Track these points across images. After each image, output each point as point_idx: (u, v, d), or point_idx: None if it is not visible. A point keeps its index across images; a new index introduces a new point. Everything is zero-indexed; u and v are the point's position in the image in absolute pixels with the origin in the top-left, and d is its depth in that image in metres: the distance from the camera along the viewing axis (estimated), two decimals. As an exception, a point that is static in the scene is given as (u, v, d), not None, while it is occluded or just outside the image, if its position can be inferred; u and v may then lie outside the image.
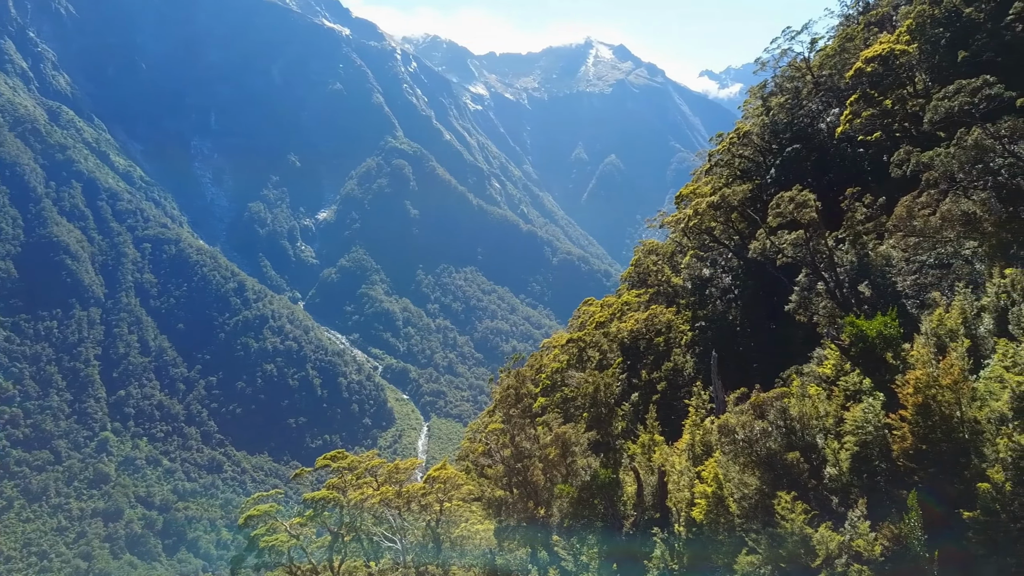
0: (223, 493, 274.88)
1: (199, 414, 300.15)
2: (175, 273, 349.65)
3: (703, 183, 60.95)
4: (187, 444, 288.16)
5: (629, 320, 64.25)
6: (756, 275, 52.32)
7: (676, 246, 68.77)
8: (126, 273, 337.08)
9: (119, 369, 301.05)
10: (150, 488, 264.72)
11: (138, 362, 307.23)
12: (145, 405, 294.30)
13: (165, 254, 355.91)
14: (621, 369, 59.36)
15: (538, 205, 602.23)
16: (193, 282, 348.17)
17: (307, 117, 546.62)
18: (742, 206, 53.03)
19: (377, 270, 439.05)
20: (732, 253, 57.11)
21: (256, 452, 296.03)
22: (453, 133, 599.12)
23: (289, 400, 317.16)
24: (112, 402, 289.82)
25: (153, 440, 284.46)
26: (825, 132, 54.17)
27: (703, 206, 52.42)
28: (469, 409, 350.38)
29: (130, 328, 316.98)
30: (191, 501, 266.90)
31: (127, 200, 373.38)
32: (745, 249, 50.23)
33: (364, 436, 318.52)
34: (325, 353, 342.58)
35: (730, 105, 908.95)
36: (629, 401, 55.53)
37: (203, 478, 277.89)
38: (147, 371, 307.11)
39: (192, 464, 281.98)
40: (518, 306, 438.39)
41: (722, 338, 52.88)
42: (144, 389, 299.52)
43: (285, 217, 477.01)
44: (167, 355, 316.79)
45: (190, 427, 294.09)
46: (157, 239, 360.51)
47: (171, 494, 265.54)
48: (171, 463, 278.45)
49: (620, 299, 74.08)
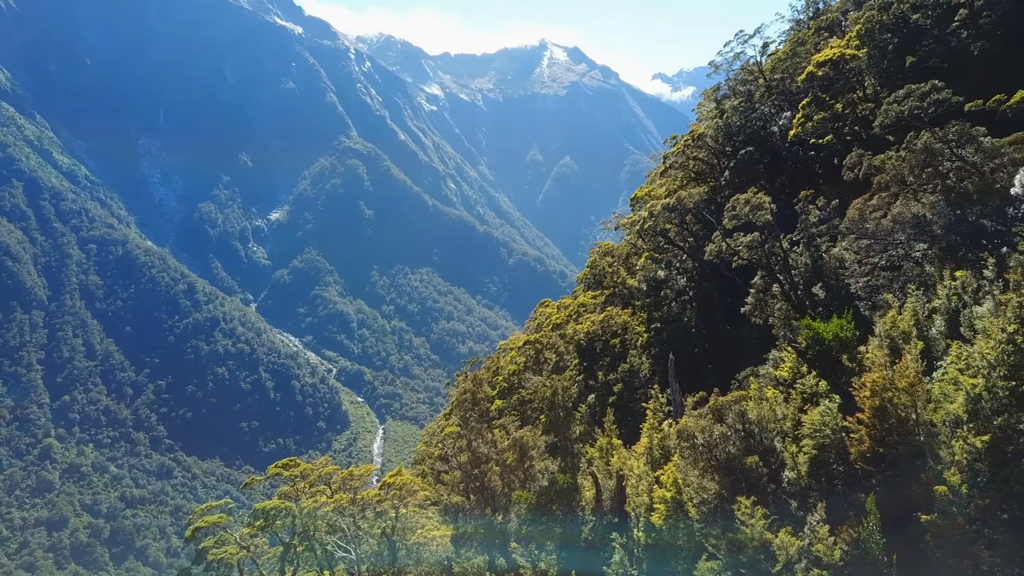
0: (173, 499, 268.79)
1: (148, 419, 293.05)
2: (122, 275, 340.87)
3: (658, 185, 61.74)
4: (135, 450, 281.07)
5: (585, 322, 64.00)
6: (711, 277, 52.48)
7: (631, 248, 68.67)
8: (70, 275, 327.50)
9: (63, 374, 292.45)
10: (96, 495, 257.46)
11: (83, 366, 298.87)
12: (91, 410, 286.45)
13: (112, 255, 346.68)
14: (578, 371, 58.80)
15: (494, 206, 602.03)
16: (141, 284, 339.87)
17: (259, 116, 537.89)
18: (697, 208, 53.31)
19: (331, 271, 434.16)
20: (687, 255, 57.14)
21: (207, 457, 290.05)
22: (408, 133, 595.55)
23: (241, 404, 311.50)
24: (56, 408, 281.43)
25: (100, 446, 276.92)
26: (778, 135, 54.34)
27: (658, 208, 52.54)
28: (425, 411, 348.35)
29: (75, 331, 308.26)
30: (139, 508, 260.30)
31: (71, 200, 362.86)
32: (700, 251, 50.14)
33: (318, 440, 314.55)
34: (278, 356, 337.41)
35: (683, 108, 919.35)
36: (586, 403, 55.12)
37: (152, 484, 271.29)
38: (93, 375, 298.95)
39: (140, 470, 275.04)
40: (475, 307, 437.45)
41: (678, 339, 53.11)
42: (90, 394, 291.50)
43: (237, 217, 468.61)
44: (114, 359, 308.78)
45: (138, 432, 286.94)
46: (103, 240, 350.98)
47: (118, 501, 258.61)
48: (118, 469, 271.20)
49: (576, 301, 74.01)
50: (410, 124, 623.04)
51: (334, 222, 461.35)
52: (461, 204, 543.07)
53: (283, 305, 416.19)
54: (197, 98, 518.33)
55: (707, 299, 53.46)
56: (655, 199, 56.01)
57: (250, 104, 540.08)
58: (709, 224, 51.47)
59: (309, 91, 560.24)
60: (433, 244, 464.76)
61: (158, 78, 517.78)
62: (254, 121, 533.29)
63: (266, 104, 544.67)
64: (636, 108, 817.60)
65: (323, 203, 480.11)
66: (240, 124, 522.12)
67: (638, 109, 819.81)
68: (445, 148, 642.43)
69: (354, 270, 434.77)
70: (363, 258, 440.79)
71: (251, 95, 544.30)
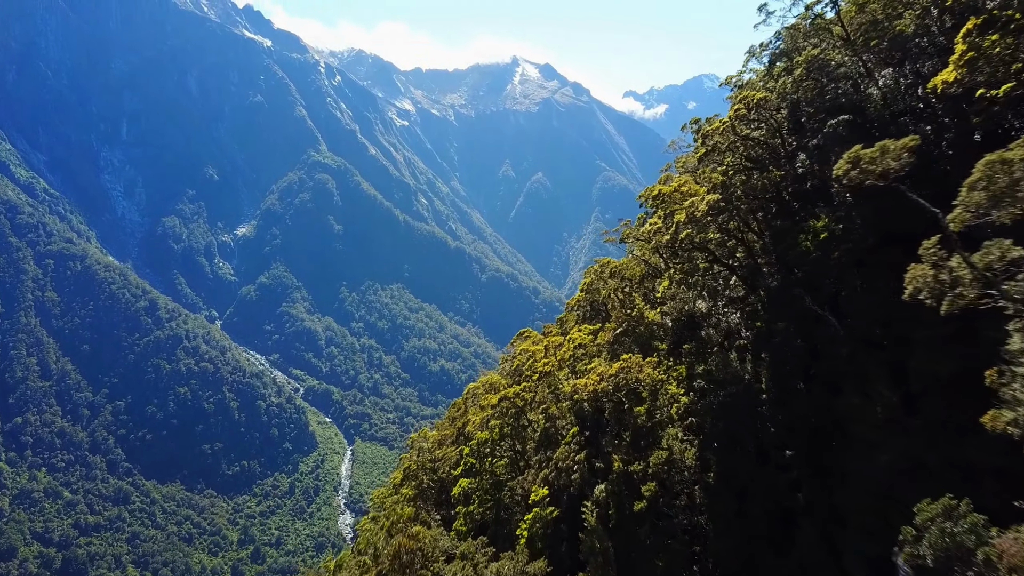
0: (130, 526, 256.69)
1: (105, 441, 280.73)
2: (80, 291, 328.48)
3: (685, 180, 46.32)
4: (91, 474, 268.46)
5: (590, 375, 45.83)
6: (785, 312, 37.32)
7: (645, 268, 54.30)
8: (26, 291, 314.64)
9: (16, 394, 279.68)
10: (48, 523, 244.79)
11: (37, 386, 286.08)
12: (44, 433, 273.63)
13: (70, 271, 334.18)
14: (577, 444, 45.07)
15: (466, 222, 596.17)
16: (100, 300, 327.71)
17: (225, 129, 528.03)
18: (763, 207, 40.56)
19: (299, 287, 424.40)
20: (740, 279, 42.12)
21: (167, 481, 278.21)
22: (379, 148, 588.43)
23: (204, 424, 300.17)
24: (7, 430, 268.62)
25: (53, 470, 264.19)
26: (879, 99, 38.15)
27: (702, 208, 38.60)
28: (395, 432, 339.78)
29: (29, 350, 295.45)
30: (94, 536, 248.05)
31: (28, 213, 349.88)
32: (771, 270, 37.43)
33: (284, 461, 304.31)
34: (243, 375, 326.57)
35: (655, 125, 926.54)
36: (592, 499, 40.25)
37: (108, 511, 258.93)
38: (47, 396, 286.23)
39: (96, 495, 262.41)
40: (446, 324, 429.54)
41: (737, 410, 37.47)
42: (44, 415, 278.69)
43: (202, 232, 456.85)
44: (70, 379, 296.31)
45: (94, 455, 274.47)
46: (61, 255, 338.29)
47: (72, 529, 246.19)
48: (72, 495, 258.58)
49: (569, 338, 57.72)
50: (381, 139, 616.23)
51: (303, 237, 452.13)
52: (433, 219, 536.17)
53: (249, 322, 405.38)
54: (160, 110, 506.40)
55: (784, 348, 36.23)
56: (689, 197, 41.22)
57: (216, 117, 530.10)
58: (783, 233, 38.16)
59: (277, 104, 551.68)
60: (404, 260, 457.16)
61: (119, 89, 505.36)
62: (220, 134, 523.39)
63: (232, 117, 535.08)
64: (608, 125, 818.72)
65: (291, 218, 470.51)
66: (205, 137, 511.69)
67: (610, 126, 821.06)
68: (417, 163, 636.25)
69: (323, 286, 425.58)
70: (332, 274, 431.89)
71: (217, 107, 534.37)
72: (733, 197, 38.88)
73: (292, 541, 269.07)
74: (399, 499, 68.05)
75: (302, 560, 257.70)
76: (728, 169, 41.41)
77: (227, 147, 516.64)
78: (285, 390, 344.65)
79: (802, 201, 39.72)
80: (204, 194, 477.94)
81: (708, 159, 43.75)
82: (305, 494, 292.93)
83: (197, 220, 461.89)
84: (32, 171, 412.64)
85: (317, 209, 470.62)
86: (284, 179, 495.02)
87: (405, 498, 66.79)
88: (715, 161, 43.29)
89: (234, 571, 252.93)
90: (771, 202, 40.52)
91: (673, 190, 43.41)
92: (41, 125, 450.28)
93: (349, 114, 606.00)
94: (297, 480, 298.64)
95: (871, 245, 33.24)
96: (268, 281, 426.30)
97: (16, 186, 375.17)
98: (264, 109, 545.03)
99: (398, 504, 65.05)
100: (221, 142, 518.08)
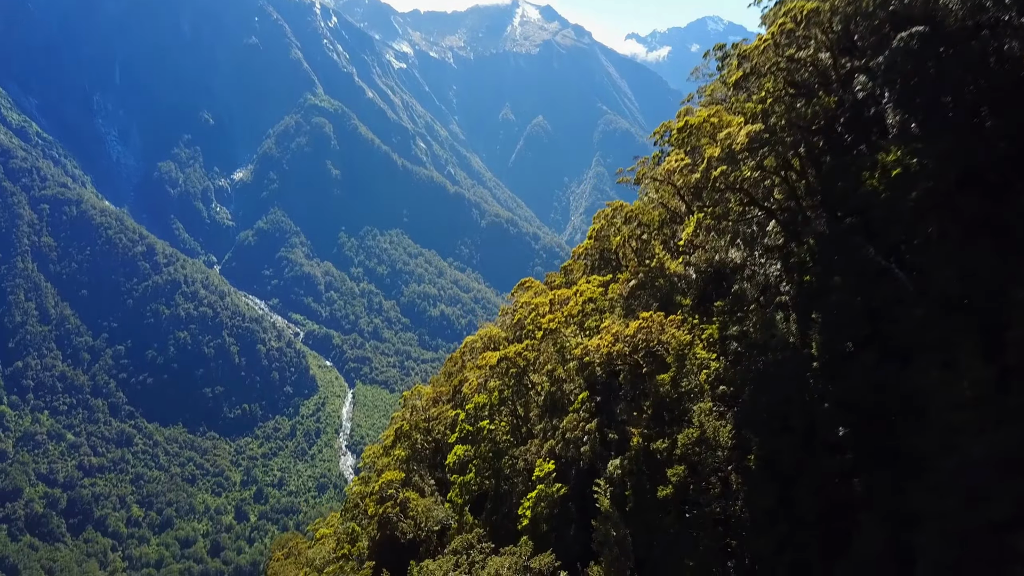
0: (134, 468, 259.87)
1: (106, 385, 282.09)
2: (77, 236, 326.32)
3: (715, 111, 39.54)
4: (93, 417, 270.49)
5: (604, 336, 39.74)
6: (837, 264, 31.05)
7: (664, 212, 47.57)
8: (21, 236, 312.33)
9: (16, 339, 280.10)
10: (52, 464, 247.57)
11: (37, 331, 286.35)
12: (46, 377, 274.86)
13: (65, 215, 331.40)
14: (587, 411, 40.50)
15: (465, 166, 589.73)
16: (97, 245, 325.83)
17: (220, 73, 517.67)
18: (807, 140, 34.40)
19: (297, 232, 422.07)
20: (777, 223, 35.98)
21: (170, 424, 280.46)
22: (376, 91, 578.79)
23: (204, 369, 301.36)
24: (8, 374, 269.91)
25: (55, 414, 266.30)
26: (958, 8, 29.83)
27: (741, 140, 32.75)
28: (396, 375, 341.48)
29: (27, 295, 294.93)
30: (98, 477, 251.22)
31: (21, 158, 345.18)
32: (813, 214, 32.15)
33: (285, 405, 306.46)
34: (242, 319, 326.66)
35: (658, 68, 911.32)
36: (606, 475, 36.31)
37: (111, 452, 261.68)
38: (47, 340, 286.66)
39: (99, 438, 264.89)
40: (446, 269, 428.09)
41: (780, 379, 31.45)
42: (44, 360, 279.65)
43: (198, 177, 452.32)
44: (69, 323, 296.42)
45: (96, 399, 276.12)
46: (56, 199, 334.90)
47: (76, 470, 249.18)
48: (76, 437, 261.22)
49: (577, 291, 50.99)
50: (378, 82, 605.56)
51: (300, 182, 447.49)
52: (431, 164, 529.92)
53: (248, 267, 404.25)
54: (153, 54, 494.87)
55: (843, 308, 29.95)
56: (719, 128, 35.51)
57: (210, 60, 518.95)
58: (841, 172, 32.12)
59: (273, 47, 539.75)
60: (402, 205, 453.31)
61: (110, 32, 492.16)
62: (215, 78, 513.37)
63: (227, 60, 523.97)
64: (609, 68, 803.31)
65: (288, 162, 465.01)
66: (200, 80, 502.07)
67: (611, 69, 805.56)
68: (415, 107, 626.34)
69: (321, 231, 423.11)
70: (330, 219, 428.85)
71: (211, 51, 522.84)
72: (777, 128, 33.32)
73: (294, 482, 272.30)
74: (390, 462, 64.97)
75: (304, 500, 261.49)
76: (767, 96, 35.05)
77: (222, 91, 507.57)
78: (285, 334, 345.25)
79: (857, 133, 33.55)
80: (200, 138, 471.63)
81: (744, 85, 37.88)
82: (307, 436, 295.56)
83: (193, 165, 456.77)
84: (24, 115, 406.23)
85: (314, 153, 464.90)
86: (281, 123, 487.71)
87: (397, 460, 63.62)
88: (752, 88, 37.39)
89: (237, 511, 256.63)
90: (817, 135, 34.57)
91: (703, 121, 37.92)
92: (32, 70, 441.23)
93: (346, 57, 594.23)
94: (298, 423, 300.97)
95: (949, 185, 27.95)
96: (266, 226, 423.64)
97: (8, 130, 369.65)
98: (259, 52, 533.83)
99: (389, 468, 62.11)
100: (216, 86, 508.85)
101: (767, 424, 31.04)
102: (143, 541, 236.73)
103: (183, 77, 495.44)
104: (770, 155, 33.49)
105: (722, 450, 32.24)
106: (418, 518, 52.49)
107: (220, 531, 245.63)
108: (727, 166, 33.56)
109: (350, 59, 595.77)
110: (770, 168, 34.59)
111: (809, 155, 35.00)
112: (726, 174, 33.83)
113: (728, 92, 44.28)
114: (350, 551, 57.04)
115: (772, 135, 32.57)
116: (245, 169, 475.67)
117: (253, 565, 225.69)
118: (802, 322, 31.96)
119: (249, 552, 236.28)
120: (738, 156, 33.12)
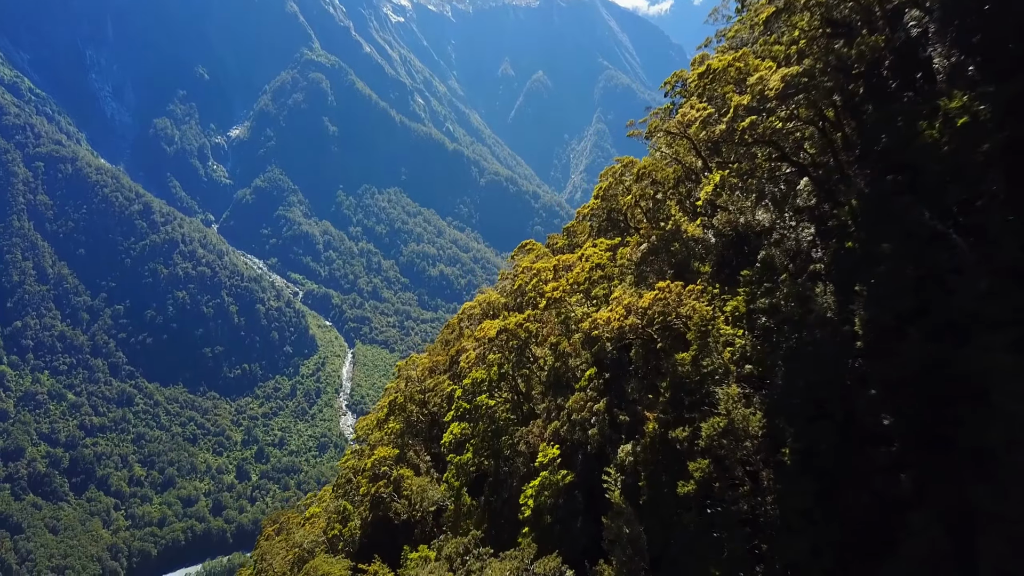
0: (135, 427, 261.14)
1: (106, 345, 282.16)
2: (73, 194, 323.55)
3: (741, 54, 34.51)
4: (94, 377, 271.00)
5: (615, 308, 35.01)
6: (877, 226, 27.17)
7: (680, 169, 42.72)
8: (17, 194, 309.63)
9: (14, 298, 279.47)
10: (54, 424, 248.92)
11: (35, 291, 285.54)
12: (45, 337, 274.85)
13: (60, 173, 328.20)
14: (595, 390, 37.61)
15: (464, 123, 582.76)
16: (93, 204, 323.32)
17: (214, 27, 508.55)
18: (844, 87, 29.94)
19: (295, 191, 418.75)
20: (811, 180, 31.87)
21: (170, 383, 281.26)
22: (373, 45, 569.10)
23: (204, 328, 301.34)
24: (7, 334, 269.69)
25: (56, 373, 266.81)
26: None
27: (773, 86, 28.75)
28: (396, 335, 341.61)
29: (24, 254, 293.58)
30: (100, 436, 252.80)
31: (15, 114, 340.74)
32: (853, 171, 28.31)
33: (285, 365, 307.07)
34: (241, 279, 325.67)
35: (660, 23, 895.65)
36: (616, 462, 33.61)
37: (112, 412, 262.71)
38: (46, 300, 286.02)
39: (100, 398, 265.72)
40: (445, 229, 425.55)
41: (816, 361, 27.65)
42: (43, 319, 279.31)
43: (194, 134, 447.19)
44: (67, 283, 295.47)
45: (96, 359, 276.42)
46: (51, 157, 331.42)
47: (77, 430, 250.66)
48: (76, 397, 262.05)
49: (582, 256, 46.34)
50: (376, 36, 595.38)
51: (297, 139, 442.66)
52: (430, 120, 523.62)
53: (246, 226, 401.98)
54: (146, 7, 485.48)
55: (893, 279, 25.80)
56: (746, 73, 31.68)
57: (204, 14, 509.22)
58: (890, 121, 27.61)
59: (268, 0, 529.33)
60: (401, 163, 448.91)
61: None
62: (209, 32, 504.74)
63: (221, 14, 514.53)
64: (611, 22, 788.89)
65: (285, 119, 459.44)
66: (194, 35, 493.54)
67: (613, 23, 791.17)
68: (413, 62, 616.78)
69: (319, 190, 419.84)
70: (328, 177, 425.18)
71: (205, 4, 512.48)
72: (816, 71, 29.18)
73: (295, 441, 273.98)
74: (383, 436, 63.06)
75: (305, 460, 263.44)
76: (801, 36, 31.23)
77: (217, 46, 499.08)
78: (284, 294, 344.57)
79: (903, 78, 29.02)
80: (195, 95, 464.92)
81: (775, 23, 33.53)
82: (307, 396, 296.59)
83: (189, 122, 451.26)
84: (16, 70, 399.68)
85: (311, 110, 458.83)
86: (277, 79, 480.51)
87: (391, 434, 61.61)
88: (784, 28, 33.16)
89: (239, 470, 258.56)
90: (855, 80, 30.06)
91: (727, 65, 33.51)
92: (23, 23, 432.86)
93: (343, 10, 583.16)
94: (299, 382, 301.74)
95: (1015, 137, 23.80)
96: (264, 184, 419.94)
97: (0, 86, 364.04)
98: (254, 5, 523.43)
99: (382, 444, 60.65)
100: (211, 40, 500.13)
101: (802, 411, 27.54)
102: (146, 500, 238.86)
103: (177, 31, 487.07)
104: (805, 103, 29.72)
105: (751, 440, 28.60)
106: (412, 498, 51.54)
107: (222, 490, 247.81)
108: (757, 116, 29.72)
109: (347, 12, 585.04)
110: (804, 118, 30.82)
111: (846, 104, 30.82)
112: (755, 125, 29.85)
113: (754, 35, 40.14)
114: (341, 531, 56.37)
115: (811, 79, 28.82)
116: (241, 126, 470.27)
117: (255, 523, 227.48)
118: (841, 294, 28.05)
119: (251, 511, 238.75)
120: (771, 104, 29.35)
